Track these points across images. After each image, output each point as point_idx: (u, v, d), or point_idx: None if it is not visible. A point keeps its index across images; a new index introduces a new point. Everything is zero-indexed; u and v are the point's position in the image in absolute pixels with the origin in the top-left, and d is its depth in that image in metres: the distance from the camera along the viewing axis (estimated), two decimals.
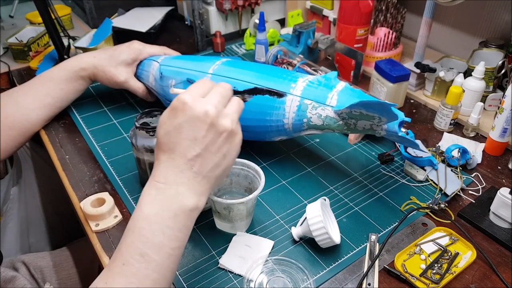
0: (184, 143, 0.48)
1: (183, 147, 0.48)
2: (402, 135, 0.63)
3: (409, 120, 0.64)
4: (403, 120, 0.64)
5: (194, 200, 0.49)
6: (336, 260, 0.60)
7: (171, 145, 0.49)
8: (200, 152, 0.48)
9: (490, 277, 0.57)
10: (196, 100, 0.49)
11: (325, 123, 0.66)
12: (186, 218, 0.49)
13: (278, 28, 1.18)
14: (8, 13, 1.36)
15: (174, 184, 0.48)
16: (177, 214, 0.48)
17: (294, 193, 0.71)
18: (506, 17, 0.92)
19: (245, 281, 0.56)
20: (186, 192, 0.49)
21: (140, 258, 0.46)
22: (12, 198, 1.03)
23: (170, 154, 0.49)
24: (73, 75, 0.83)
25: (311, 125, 0.67)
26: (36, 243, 1.09)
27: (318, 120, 0.66)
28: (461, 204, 0.69)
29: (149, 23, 1.20)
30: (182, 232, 0.49)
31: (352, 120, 0.64)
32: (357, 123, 0.64)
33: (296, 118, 0.67)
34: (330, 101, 0.65)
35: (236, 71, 0.72)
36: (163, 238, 0.47)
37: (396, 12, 1.01)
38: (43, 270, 0.84)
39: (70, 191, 0.72)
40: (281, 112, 0.67)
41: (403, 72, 0.86)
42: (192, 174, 0.49)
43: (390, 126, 0.63)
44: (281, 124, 0.68)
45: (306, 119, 0.66)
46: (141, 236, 0.47)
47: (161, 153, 0.50)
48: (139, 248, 0.46)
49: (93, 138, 0.83)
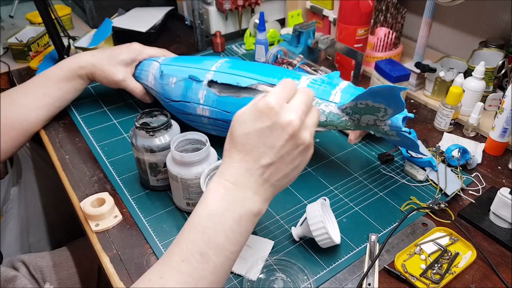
0: (261, 148, 0.47)
1: (259, 152, 0.47)
2: (406, 129, 0.63)
3: (412, 115, 0.65)
4: (406, 115, 0.64)
5: (259, 205, 0.48)
6: (336, 260, 0.60)
7: (248, 146, 0.47)
8: (275, 160, 0.47)
9: (490, 277, 0.57)
10: (282, 106, 0.47)
11: (328, 119, 0.66)
12: (248, 223, 0.48)
13: (278, 28, 1.18)
14: (8, 13, 1.36)
15: (243, 186, 0.47)
16: (242, 218, 0.47)
17: (294, 193, 0.71)
18: (506, 17, 0.92)
19: (245, 281, 0.56)
20: (253, 197, 0.48)
21: (199, 258, 0.45)
22: (12, 198, 1.03)
23: (245, 156, 0.48)
24: (71, 74, 0.83)
25: None
26: (36, 243, 1.09)
27: (321, 116, 0.66)
28: (461, 204, 0.69)
29: (149, 23, 1.20)
30: (243, 236, 0.48)
31: (356, 115, 0.64)
32: (361, 118, 0.64)
33: None
34: (334, 98, 0.66)
35: (239, 68, 0.72)
36: (225, 240, 0.46)
37: (396, 12, 1.01)
38: (43, 270, 0.84)
39: (70, 191, 0.72)
40: None
41: (403, 72, 0.86)
42: (261, 180, 0.48)
43: (394, 121, 0.63)
44: None
45: None
46: (204, 235, 0.46)
47: (236, 153, 0.48)
48: (200, 247, 0.45)
49: (93, 138, 0.83)
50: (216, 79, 0.71)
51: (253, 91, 0.69)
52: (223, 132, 0.75)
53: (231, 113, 0.71)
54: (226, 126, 0.73)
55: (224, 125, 0.73)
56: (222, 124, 0.73)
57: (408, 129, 0.64)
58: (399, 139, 0.67)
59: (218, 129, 0.75)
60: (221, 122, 0.73)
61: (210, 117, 0.73)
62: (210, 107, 0.72)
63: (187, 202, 0.65)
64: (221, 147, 0.79)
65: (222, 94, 0.71)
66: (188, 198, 0.65)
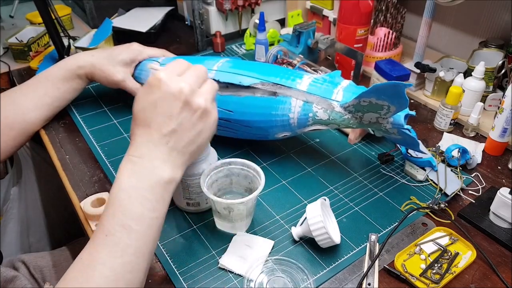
0: (159, 118, 0.50)
1: (159, 123, 0.51)
2: (407, 127, 0.63)
3: (414, 113, 0.65)
4: (408, 113, 0.64)
5: (170, 172, 0.51)
6: (336, 260, 0.60)
7: (147, 120, 0.51)
8: (175, 128, 0.51)
9: (490, 277, 0.57)
10: (172, 78, 0.51)
11: (330, 117, 0.66)
12: (162, 190, 0.51)
13: (278, 28, 1.18)
14: (8, 13, 1.36)
15: (149, 158, 0.51)
16: (154, 186, 0.50)
17: (294, 193, 0.71)
18: (506, 17, 0.92)
19: (245, 281, 0.56)
20: (161, 166, 0.51)
21: (121, 229, 0.48)
22: (12, 198, 1.03)
23: (146, 129, 0.51)
24: (70, 74, 0.82)
25: (316, 120, 0.67)
26: (36, 243, 1.09)
27: (324, 114, 0.66)
28: (461, 204, 0.69)
29: (149, 23, 1.20)
30: (160, 203, 0.51)
31: (359, 113, 0.64)
32: (364, 116, 0.64)
33: (302, 113, 0.67)
34: (336, 96, 0.66)
35: (241, 68, 0.72)
36: (142, 209, 0.49)
37: (396, 12, 1.02)
38: (43, 270, 0.84)
39: (70, 191, 0.72)
40: (287, 106, 0.68)
41: (403, 72, 0.86)
42: (167, 149, 0.51)
43: (396, 119, 0.63)
44: (286, 119, 0.69)
45: (312, 113, 0.67)
46: (121, 208, 0.49)
47: (137, 128, 0.52)
48: (120, 219, 0.48)
49: (93, 138, 0.83)
50: (218, 78, 0.71)
51: (254, 89, 0.69)
52: (225, 132, 0.75)
53: (233, 112, 0.71)
54: (228, 125, 0.73)
55: (227, 124, 0.73)
56: (224, 123, 0.73)
57: (410, 127, 0.64)
58: (400, 137, 0.67)
59: (219, 128, 0.75)
60: (223, 121, 0.73)
61: None
62: None
63: (187, 202, 0.65)
64: (222, 147, 0.79)
65: (224, 93, 0.71)
66: (188, 198, 0.65)
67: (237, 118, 0.72)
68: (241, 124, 0.72)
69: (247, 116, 0.71)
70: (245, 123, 0.72)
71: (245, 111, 0.70)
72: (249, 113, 0.70)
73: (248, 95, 0.70)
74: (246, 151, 0.79)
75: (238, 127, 0.73)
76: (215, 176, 0.63)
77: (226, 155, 0.78)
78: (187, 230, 0.64)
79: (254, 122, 0.71)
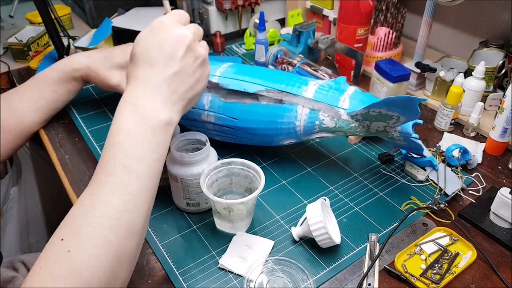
0: (163, 59, 0.51)
1: (163, 63, 0.51)
2: (415, 136, 0.63)
3: (421, 122, 0.65)
4: (416, 121, 0.63)
5: (170, 114, 0.51)
6: (336, 260, 0.59)
7: (150, 60, 0.51)
8: (178, 70, 0.51)
9: (491, 277, 0.57)
10: (175, 24, 0.52)
11: (337, 125, 0.66)
12: (162, 132, 0.51)
13: (278, 28, 1.18)
14: (8, 13, 1.36)
15: (150, 98, 0.50)
16: (155, 128, 0.50)
17: (294, 193, 0.71)
18: (506, 17, 0.92)
19: (245, 281, 0.56)
20: (162, 108, 0.51)
21: (123, 169, 0.47)
22: (12, 198, 1.03)
23: (149, 70, 0.51)
24: (65, 76, 0.81)
25: (323, 128, 0.67)
26: (36, 243, 1.09)
27: (331, 122, 0.66)
28: (461, 204, 0.69)
29: (149, 23, 1.20)
30: (161, 145, 0.51)
31: (366, 122, 0.64)
32: (371, 125, 0.64)
33: (308, 121, 0.67)
34: (343, 104, 0.66)
35: (245, 74, 0.71)
36: (144, 150, 0.49)
37: (396, 12, 1.01)
38: None
39: (70, 191, 0.72)
40: (293, 114, 0.67)
41: (403, 72, 0.86)
42: (169, 92, 0.51)
43: (404, 128, 0.63)
44: (292, 127, 0.68)
45: (319, 121, 0.66)
46: (122, 149, 0.48)
47: (137, 69, 0.52)
48: (121, 160, 0.48)
49: (93, 138, 0.83)
50: (222, 84, 0.70)
51: (259, 97, 0.69)
52: (228, 138, 0.75)
53: (237, 119, 0.70)
54: (232, 132, 0.72)
55: (230, 131, 0.72)
56: (228, 130, 0.72)
57: (418, 135, 0.64)
58: (405, 143, 0.67)
59: (223, 135, 0.75)
60: (227, 129, 0.72)
61: (216, 123, 0.72)
62: (215, 113, 0.71)
63: (187, 202, 0.65)
64: (222, 147, 0.79)
65: (228, 100, 0.70)
66: (188, 198, 0.65)
67: (242, 126, 0.70)
68: (246, 132, 0.71)
69: (253, 124, 0.70)
70: (251, 131, 0.71)
71: (250, 118, 0.69)
72: (254, 120, 0.69)
73: (253, 102, 0.69)
74: (246, 151, 0.79)
75: (242, 134, 0.72)
76: (215, 176, 0.63)
77: (226, 155, 0.78)
78: (187, 230, 0.64)
79: (260, 129, 0.70)
